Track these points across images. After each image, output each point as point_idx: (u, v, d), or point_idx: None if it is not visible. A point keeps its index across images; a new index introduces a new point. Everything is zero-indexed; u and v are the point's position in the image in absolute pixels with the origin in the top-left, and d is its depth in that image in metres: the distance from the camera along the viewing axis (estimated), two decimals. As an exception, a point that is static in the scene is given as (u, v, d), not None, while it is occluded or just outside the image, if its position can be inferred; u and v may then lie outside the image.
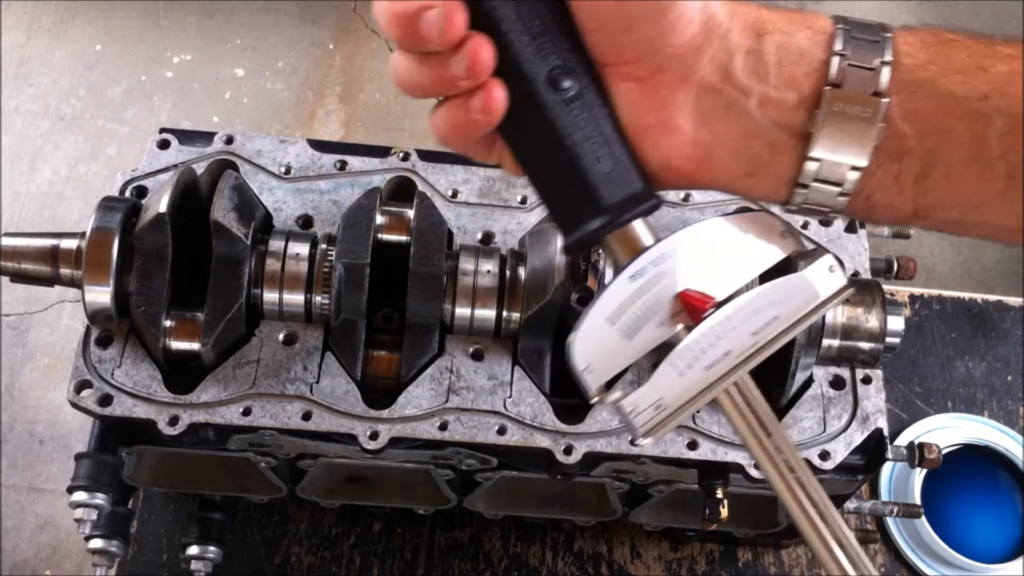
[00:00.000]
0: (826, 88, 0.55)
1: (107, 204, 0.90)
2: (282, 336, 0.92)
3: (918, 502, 1.24)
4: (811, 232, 1.01)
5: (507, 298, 0.92)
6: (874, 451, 0.93)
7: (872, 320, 0.91)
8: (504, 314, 0.92)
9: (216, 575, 1.11)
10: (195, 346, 0.89)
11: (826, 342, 0.91)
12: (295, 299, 0.91)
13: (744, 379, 0.59)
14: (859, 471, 0.95)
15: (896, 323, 0.91)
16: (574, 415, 0.91)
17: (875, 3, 2.98)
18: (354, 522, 1.25)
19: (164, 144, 1.01)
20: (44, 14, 2.93)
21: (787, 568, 1.25)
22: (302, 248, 0.92)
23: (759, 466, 0.59)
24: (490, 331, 0.93)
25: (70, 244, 0.90)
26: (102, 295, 0.88)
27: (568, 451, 0.90)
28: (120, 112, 2.81)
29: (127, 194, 0.98)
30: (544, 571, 1.24)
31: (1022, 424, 1.36)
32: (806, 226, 1.01)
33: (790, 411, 0.92)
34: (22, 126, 2.77)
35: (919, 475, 1.26)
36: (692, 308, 0.58)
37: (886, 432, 0.93)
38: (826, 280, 0.60)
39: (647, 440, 0.58)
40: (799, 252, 0.61)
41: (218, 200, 0.89)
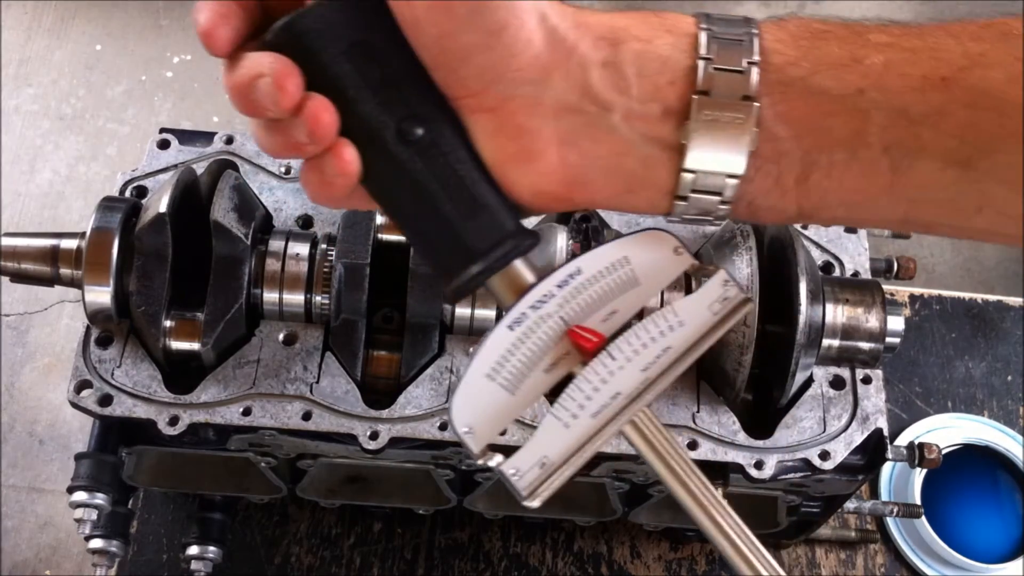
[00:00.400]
0: (694, 97, 0.51)
1: (107, 204, 0.90)
2: (282, 336, 0.92)
3: (918, 502, 1.24)
4: (811, 232, 1.00)
5: (507, 298, 0.91)
6: (874, 451, 0.93)
7: (872, 320, 0.91)
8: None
9: (216, 575, 1.11)
10: (195, 346, 0.89)
11: (826, 342, 0.91)
12: (295, 299, 0.91)
13: (641, 414, 0.55)
14: (859, 471, 0.95)
15: (896, 323, 0.91)
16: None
17: (875, 3, 2.98)
18: (354, 522, 1.25)
19: (164, 144, 1.01)
20: (44, 14, 2.93)
21: (787, 568, 1.25)
22: (302, 248, 0.92)
23: (675, 495, 0.54)
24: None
25: (70, 244, 0.90)
26: (102, 295, 0.88)
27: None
28: (120, 112, 2.81)
29: (127, 194, 0.98)
30: (544, 571, 1.24)
31: (1022, 424, 1.36)
32: (805, 227, 1.01)
33: (790, 411, 0.92)
34: (22, 126, 2.77)
35: (919, 475, 1.26)
36: (582, 349, 0.54)
37: (886, 432, 0.93)
38: (720, 298, 0.57)
39: (534, 502, 0.53)
40: (694, 268, 0.58)
41: (218, 200, 0.89)
